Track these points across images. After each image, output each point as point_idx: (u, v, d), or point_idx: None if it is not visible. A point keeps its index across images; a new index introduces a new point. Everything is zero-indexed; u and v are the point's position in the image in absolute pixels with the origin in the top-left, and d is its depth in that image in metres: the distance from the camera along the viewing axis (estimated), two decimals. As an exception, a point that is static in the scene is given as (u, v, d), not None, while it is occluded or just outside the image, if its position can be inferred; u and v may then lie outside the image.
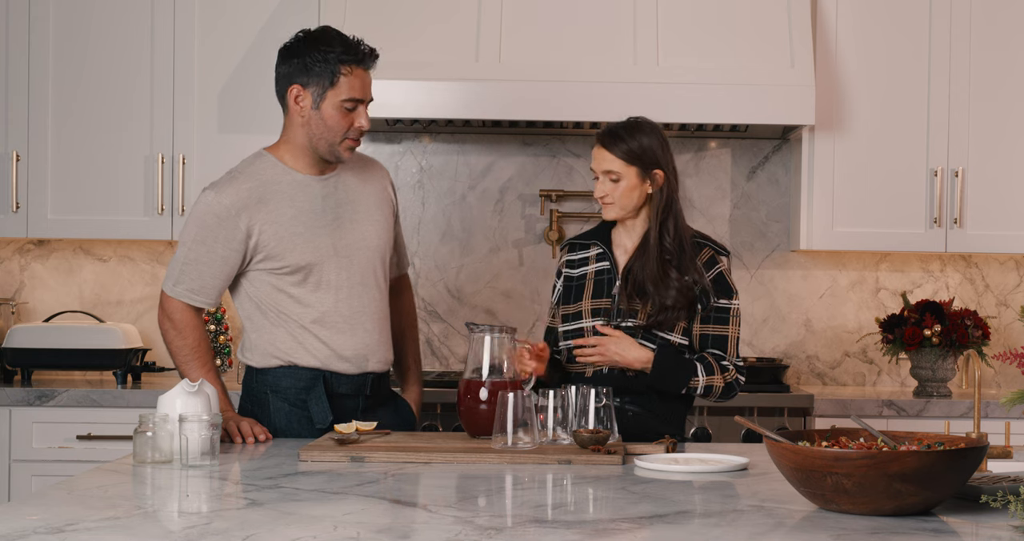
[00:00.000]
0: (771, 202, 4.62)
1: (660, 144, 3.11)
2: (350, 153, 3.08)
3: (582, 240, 3.26)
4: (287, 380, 3.10)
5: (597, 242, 3.22)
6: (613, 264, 3.17)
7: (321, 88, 3.01)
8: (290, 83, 3.04)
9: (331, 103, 3.02)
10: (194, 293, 3.06)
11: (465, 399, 2.96)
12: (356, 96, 3.03)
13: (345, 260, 3.10)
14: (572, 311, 3.17)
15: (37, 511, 2.09)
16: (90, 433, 4.04)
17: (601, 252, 3.20)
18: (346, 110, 3.02)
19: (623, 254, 3.18)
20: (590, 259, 3.22)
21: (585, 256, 3.23)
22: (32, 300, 4.62)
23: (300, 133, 3.07)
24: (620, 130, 3.12)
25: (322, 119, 3.03)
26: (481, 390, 2.94)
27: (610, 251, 3.18)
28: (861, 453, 2.03)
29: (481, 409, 2.93)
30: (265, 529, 1.98)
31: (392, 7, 4.17)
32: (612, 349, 3.05)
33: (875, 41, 4.30)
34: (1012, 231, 4.30)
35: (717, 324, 3.13)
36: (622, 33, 4.15)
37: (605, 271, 3.17)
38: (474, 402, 2.94)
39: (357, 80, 3.03)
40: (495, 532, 1.96)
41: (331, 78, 3.00)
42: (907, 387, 4.58)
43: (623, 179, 3.09)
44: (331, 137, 3.04)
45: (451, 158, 4.63)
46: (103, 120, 4.32)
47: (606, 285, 3.15)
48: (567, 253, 3.28)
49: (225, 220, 3.01)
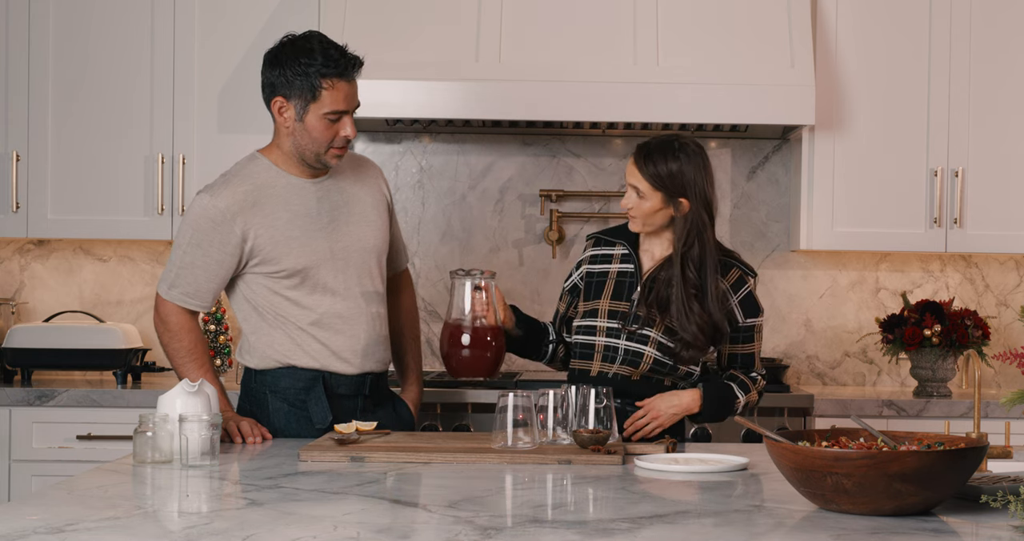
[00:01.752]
0: (771, 202, 4.62)
1: (696, 171, 3.03)
2: (337, 160, 3.07)
3: (609, 236, 3.22)
4: (286, 380, 3.10)
5: (624, 242, 3.18)
6: (638, 268, 3.13)
7: (304, 101, 2.99)
8: (273, 94, 3.02)
9: (314, 115, 2.99)
10: (189, 297, 3.06)
11: (448, 342, 3.10)
12: (339, 108, 3.00)
13: (341, 262, 3.10)
14: (589, 308, 3.15)
15: (37, 511, 2.09)
16: (90, 433, 4.04)
17: (626, 253, 3.16)
18: (330, 121, 3.01)
19: (650, 260, 3.14)
20: (614, 258, 3.18)
21: (609, 253, 3.19)
22: (32, 300, 4.62)
23: (287, 142, 3.06)
24: (656, 151, 3.04)
25: (306, 131, 3.01)
26: (463, 335, 3.08)
27: (636, 254, 3.15)
28: (861, 453, 2.03)
29: (463, 354, 3.08)
30: (265, 529, 1.98)
31: (392, 7, 4.17)
32: (663, 407, 3.03)
33: (875, 41, 4.30)
34: (1012, 231, 4.30)
35: (745, 343, 3.14)
36: (622, 33, 4.15)
37: (628, 274, 3.14)
38: (456, 347, 3.08)
39: (339, 93, 2.99)
40: (495, 532, 1.96)
41: (312, 92, 2.98)
42: (907, 387, 4.58)
43: (647, 200, 3.05)
44: (316, 147, 3.03)
45: (451, 158, 4.63)
46: (103, 120, 4.32)
47: (627, 288, 3.12)
48: (592, 247, 3.24)
49: (220, 224, 3.01)
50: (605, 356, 3.10)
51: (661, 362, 3.07)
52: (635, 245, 3.17)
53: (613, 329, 3.09)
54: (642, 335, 3.06)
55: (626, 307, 3.10)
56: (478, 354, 3.09)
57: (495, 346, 3.10)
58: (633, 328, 3.07)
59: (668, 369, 3.09)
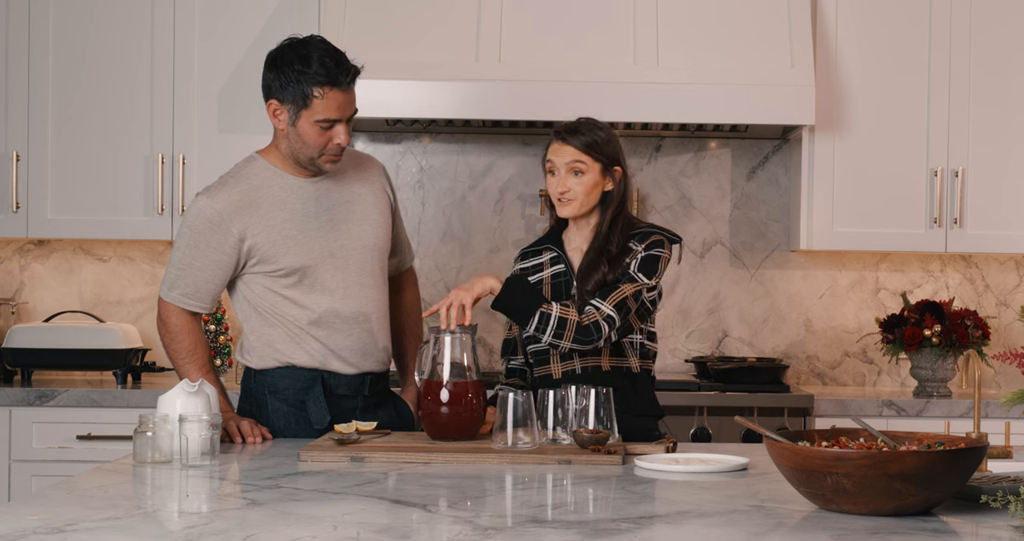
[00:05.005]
0: (771, 202, 4.62)
1: (616, 141, 3.10)
2: (332, 165, 3.06)
3: (534, 247, 3.23)
4: (285, 381, 3.10)
5: (550, 246, 3.18)
6: (568, 265, 3.13)
7: (296, 107, 2.98)
8: (269, 97, 3.03)
9: (306, 122, 2.98)
10: (188, 298, 3.06)
11: (425, 401, 2.91)
12: (331, 117, 2.98)
13: (341, 261, 3.10)
14: None
15: (37, 511, 2.09)
16: (90, 433, 4.04)
17: (555, 255, 3.16)
18: (322, 128, 3.00)
19: (577, 255, 3.14)
20: (544, 264, 3.18)
21: (539, 262, 3.19)
22: (32, 300, 4.62)
23: (283, 144, 3.07)
24: (579, 126, 3.09)
25: (299, 135, 3.01)
26: (442, 391, 2.89)
27: (564, 253, 3.16)
28: (861, 453, 2.03)
29: (442, 412, 2.88)
30: (265, 529, 1.98)
31: (392, 7, 4.17)
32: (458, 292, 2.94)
33: (875, 41, 4.30)
34: (1012, 231, 4.30)
35: (619, 283, 3.03)
36: (622, 33, 4.15)
37: (561, 274, 3.14)
38: (435, 404, 2.89)
39: (332, 102, 2.97)
40: (495, 532, 1.96)
41: (304, 100, 2.96)
42: (907, 387, 4.58)
43: (587, 173, 3.05)
44: (309, 152, 3.03)
45: (451, 158, 4.63)
46: (103, 120, 4.32)
47: (564, 287, 3.12)
48: (519, 262, 3.24)
49: (218, 225, 3.01)
50: (564, 355, 3.10)
51: (617, 343, 3.06)
52: (561, 246, 3.17)
53: None
54: None
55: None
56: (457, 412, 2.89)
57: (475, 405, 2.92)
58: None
59: (625, 348, 3.07)
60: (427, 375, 2.93)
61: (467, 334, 2.93)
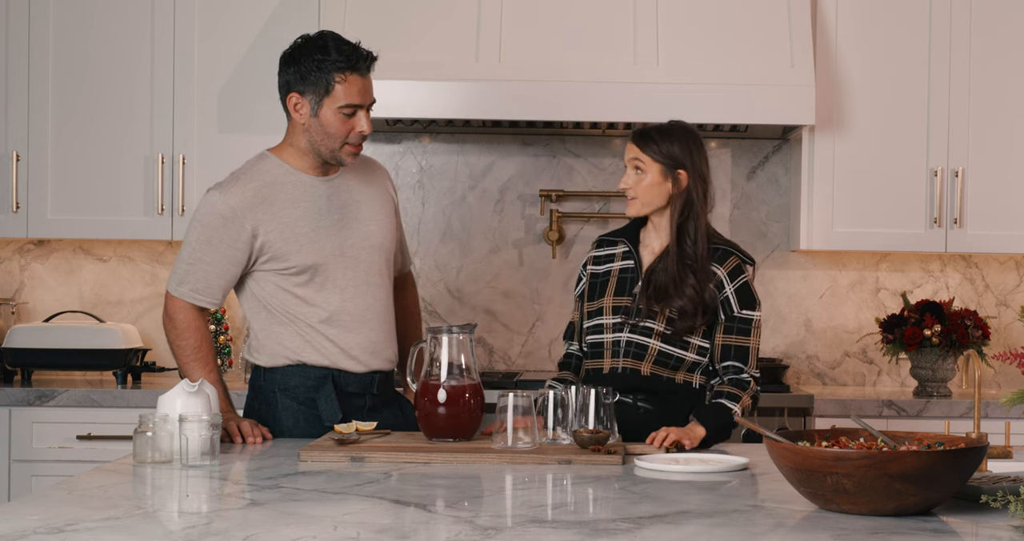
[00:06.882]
0: (771, 202, 4.63)
1: (693, 146, 3.12)
2: (353, 158, 3.09)
3: (611, 237, 3.27)
4: (296, 379, 3.10)
5: (624, 240, 3.23)
6: (638, 263, 3.17)
7: (318, 96, 3.01)
8: (289, 91, 3.05)
9: (329, 110, 3.02)
10: (198, 293, 3.07)
11: (423, 401, 2.91)
12: (354, 102, 3.02)
13: (351, 260, 3.11)
14: (594, 307, 3.18)
15: (37, 511, 2.09)
16: (90, 433, 4.04)
17: (627, 250, 3.20)
18: (345, 116, 3.03)
19: (649, 254, 3.18)
20: (616, 256, 3.22)
21: (612, 253, 3.24)
22: (32, 300, 4.62)
23: (302, 139, 3.08)
24: (653, 129, 3.14)
25: (321, 126, 3.03)
26: (439, 392, 2.88)
27: (636, 250, 3.19)
28: (861, 453, 2.03)
29: (439, 412, 2.87)
30: (265, 529, 1.98)
31: (392, 7, 4.17)
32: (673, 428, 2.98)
33: (875, 41, 4.30)
34: (1012, 231, 4.30)
35: (740, 335, 3.12)
36: (622, 33, 4.15)
37: (629, 270, 3.18)
38: (432, 405, 2.89)
39: (353, 86, 3.02)
40: (495, 532, 1.96)
41: (326, 86, 3.01)
42: (907, 387, 4.58)
43: (647, 172, 3.10)
44: (331, 143, 3.05)
45: (451, 158, 4.63)
46: (103, 120, 4.32)
47: (628, 283, 3.16)
48: (594, 249, 3.28)
49: (230, 221, 3.02)
50: (614, 352, 3.12)
51: (666, 353, 3.09)
52: (635, 242, 3.20)
53: (618, 324, 3.11)
54: (645, 327, 3.09)
55: (628, 302, 3.12)
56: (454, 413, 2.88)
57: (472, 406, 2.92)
58: (636, 321, 3.08)
59: (674, 361, 3.10)
60: (425, 375, 2.93)
61: (465, 334, 2.94)
